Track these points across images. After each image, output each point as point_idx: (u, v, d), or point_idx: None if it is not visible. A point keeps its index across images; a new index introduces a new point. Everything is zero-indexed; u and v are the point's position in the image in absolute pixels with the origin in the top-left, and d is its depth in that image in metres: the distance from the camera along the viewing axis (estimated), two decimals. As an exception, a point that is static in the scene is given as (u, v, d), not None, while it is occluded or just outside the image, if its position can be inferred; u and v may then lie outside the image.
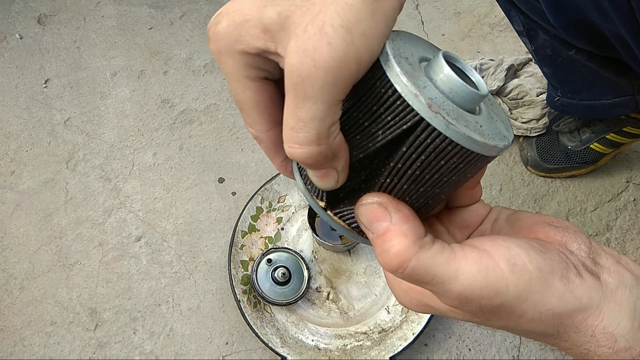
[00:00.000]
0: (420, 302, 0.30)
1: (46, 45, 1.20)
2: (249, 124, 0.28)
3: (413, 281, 0.26)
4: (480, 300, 0.26)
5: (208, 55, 1.17)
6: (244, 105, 0.27)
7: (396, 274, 0.26)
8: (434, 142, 0.24)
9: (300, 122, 0.24)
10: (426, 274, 0.26)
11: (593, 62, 0.73)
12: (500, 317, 0.27)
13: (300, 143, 0.24)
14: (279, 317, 0.89)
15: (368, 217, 0.27)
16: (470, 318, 0.28)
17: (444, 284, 0.26)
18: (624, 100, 0.78)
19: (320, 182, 0.27)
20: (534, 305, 0.26)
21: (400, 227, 0.26)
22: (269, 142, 0.29)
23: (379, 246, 0.26)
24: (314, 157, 0.25)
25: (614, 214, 0.98)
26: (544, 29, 0.71)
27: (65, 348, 0.91)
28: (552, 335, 0.28)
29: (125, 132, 1.09)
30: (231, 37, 0.25)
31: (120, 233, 0.99)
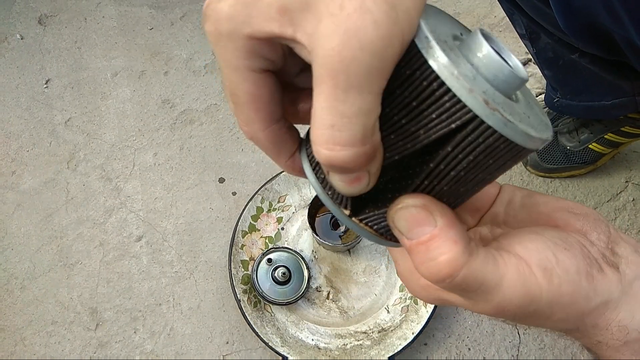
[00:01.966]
0: (439, 297, 0.29)
1: (47, 46, 1.20)
2: (243, 121, 0.25)
3: (456, 289, 0.24)
4: (516, 310, 0.25)
5: (209, 56, 1.18)
6: (240, 99, 0.24)
7: (441, 284, 0.24)
8: (486, 141, 0.21)
9: (343, 117, 0.20)
10: (475, 282, 0.24)
11: (595, 65, 0.73)
12: (527, 320, 0.27)
13: (343, 144, 0.20)
14: (279, 316, 0.89)
15: (408, 222, 0.24)
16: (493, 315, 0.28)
17: (487, 293, 0.24)
18: (624, 101, 0.78)
19: (347, 188, 0.23)
20: (562, 308, 0.26)
21: (447, 233, 0.24)
22: (267, 141, 0.25)
23: (422, 253, 0.24)
24: (356, 160, 0.21)
25: (613, 213, 0.98)
26: (547, 32, 0.71)
27: (66, 348, 0.91)
28: (573, 331, 0.28)
29: (126, 132, 1.10)
30: (237, 18, 0.21)
31: (121, 233, 1.00)
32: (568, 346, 0.89)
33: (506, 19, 1.20)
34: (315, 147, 0.21)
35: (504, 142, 0.21)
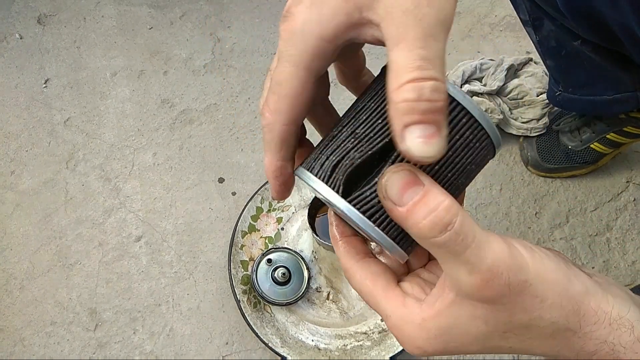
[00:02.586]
0: (438, 328, 0.28)
1: (46, 45, 1.20)
2: (272, 109, 0.27)
3: (453, 243, 0.25)
4: (509, 273, 0.25)
5: (208, 55, 1.17)
6: (283, 90, 0.27)
7: (441, 234, 0.25)
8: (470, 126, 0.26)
9: (426, 59, 0.23)
10: (470, 232, 0.25)
11: (597, 54, 0.72)
12: (525, 304, 0.26)
13: (428, 77, 0.23)
14: (279, 317, 0.89)
15: (399, 187, 0.25)
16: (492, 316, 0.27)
17: (480, 248, 0.25)
18: (625, 96, 0.77)
19: (426, 145, 0.24)
20: (552, 287, 0.26)
21: (435, 188, 0.25)
22: (279, 135, 0.28)
23: (421, 210, 0.25)
24: (442, 93, 0.23)
25: (614, 214, 0.98)
26: (550, 17, 0.71)
27: (65, 348, 0.91)
28: (575, 332, 0.27)
29: (125, 132, 1.09)
30: (311, 18, 0.25)
31: (120, 233, 0.99)
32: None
33: (506, 19, 1.20)
34: (403, 86, 0.23)
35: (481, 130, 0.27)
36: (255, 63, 1.16)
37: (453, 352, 0.28)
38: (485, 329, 0.27)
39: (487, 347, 0.28)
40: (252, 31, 1.20)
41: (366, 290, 0.30)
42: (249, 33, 1.20)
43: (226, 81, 1.14)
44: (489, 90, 0.98)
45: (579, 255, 0.95)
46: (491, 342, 0.28)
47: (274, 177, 0.29)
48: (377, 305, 0.30)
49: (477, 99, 0.99)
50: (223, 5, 1.24)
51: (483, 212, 0.99)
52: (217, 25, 1.21)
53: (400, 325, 0.29)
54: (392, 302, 0.29)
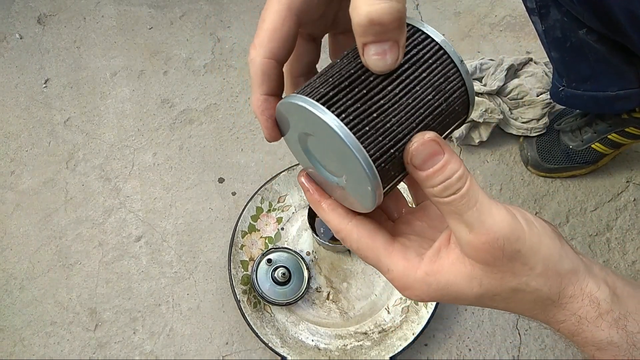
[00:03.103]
0: (438, 283, 0.30)
1: (46, 45, 1.20)
2: (255, 44, 0.29)
3: (461, 203, 0.28)
4: (505, 241, 0.28)
5: (208, 55, 1.17)
6: (266, 24, 0.29)
7: (450, 196, 0.28)
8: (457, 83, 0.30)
9: None
10: (475, 194, 0.28)
11: (602, 45, 0.72)
12: (515, 269, 0.29)
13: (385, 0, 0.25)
14: (279, 317, 0.89)
15: (425, 156, 0.28)
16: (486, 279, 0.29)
17: (481, 213, 0.28)
18: (629, 92, 0.77)
19: (381, 60, 0.27)
20: (542, 259, 0.29)
21: (454, 157, 0.28)
22: (260, 67, 0.30)
23: (439, 176, 0.28)
24: (392, 15, 0.25)
25: (614, 214, 0.98)
26: (557, 3, 0.71)
27: (65, 348, 0.91)
28: (553, 302, 0.30)
29: (125, 132, 1.09)
30: None
31: (120, 233, 0.99)
32: (569, 346, 0.88)
33: (506, 19, 1.20)
34: (359, 7, 0.25)
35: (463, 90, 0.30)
36: (255, 63, 1.16)
37: (449, 302, 0.32)
38: (478, 291, 0.30)
39: (477, 303, 0.31)
40: (252, 31, 1.19)
41: (364, 246, 0.32)
42: (249, 33, 1.19)
43: (226, 81, 1.14)
44: (489, 90, 0.98)
45: (579, 255, 0.95)
46: (481, 301, 0.31)
47: (260, 112, 0.31)
48: (378, 260, 0.32)
49: (477, 99, 0.99)
50: (223, 5, 1.24)
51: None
52: (217, 25, 1.21)
53: (401, 277, 0.31)
54: (394, 257, 0.31)
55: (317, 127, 0.28)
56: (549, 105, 0.98)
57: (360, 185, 0.29)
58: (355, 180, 0.29)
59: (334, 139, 0.27)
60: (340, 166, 0.30)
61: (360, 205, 0.31)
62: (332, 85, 0.28)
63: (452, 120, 0.31)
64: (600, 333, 0.31)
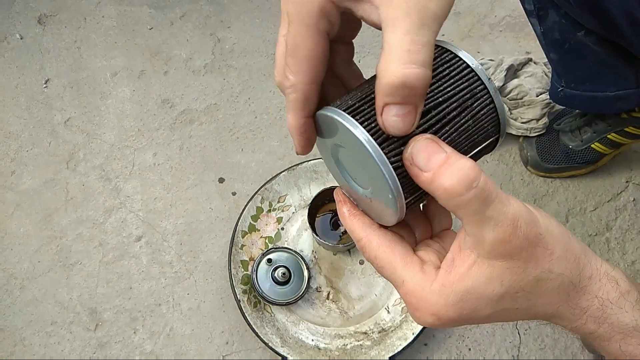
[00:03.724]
0: (456, 293, 0.29)
1: (46, 46, 1.20)
2: (292, 71, 0.29)
3: (479, 199, 0.27)
4: (527, 226, 0.28)
5: (208, 55, 1.17)
6: (300, 52, 0.28)
7: (467, 192, 0.26)
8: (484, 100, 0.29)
9: (417, 44, 0.25)
10: (493, 188, 0.27)
11: (601, 47, 0.72)
12: (538, 256, 0.28)
13: (417, 63, 0.25)
14: (279, 316, 0.89)
15: (425, 153, 0.27)
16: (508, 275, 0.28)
17: (503, 204, 0.27)
18: (628, 93, 0.77)
19: (399, 123, 0.27)
20: (559, 241, 0.29)
21: (457, 154, 0.27)
22: (303, 93, 0.29)
23: (447, 171, 0.27)
24: (423, 81, 0.26)
25: (614, 214, 0.98)
26: (555, 6, 0.71)
27: (65, 348, 0.91)
28: (575, 286, 0.30)
29: (125, 132, 1.09)
30: None
31: (121, 233, 1.00)
32: (568, 346, 0.88)
33: (506, 19, 1.20)
34: (392, 68, 0.25)
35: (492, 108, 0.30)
36: (255, 63, 1.16)
37: (465, 320, 0.30)
38: (499, 291, 0.29)
39: (498, 309, 0.29)
40: (252, 31, 1.20)
41: (383, 256, 0.31)
42: (249, 33, 1.20)
43: (226, 81, 1.14)
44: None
45: (579, 255, 0.95)
46: (502, 304, 0.29)
47: (299, 134, 0.31)
48: (394, 271, 0.31)
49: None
50: (223, 5, 1.24)
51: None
52: (217, 25, 1.21)
53: (417, 291, 0.30)
54: (410, 269, 0.30)
55: (344, 137, 0.29)
56: (548, 106, 0.98)
57: (384, 194, 0.29)
58: (379, 190, 0.29)
59: (359, 148, 0.28)
60: (366, 176, 0.30)
61: (384, 215, 0.31)
62: (359, 98, 0.29)
63: (482, 139, 0.31)
64: (624, 316, 0.30)
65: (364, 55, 1.15)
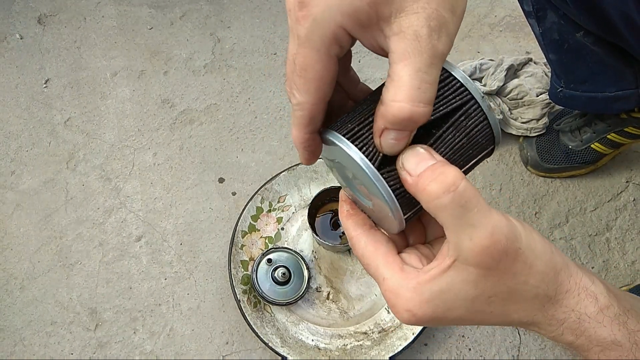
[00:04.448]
0: (431, 291, 0.30)
1: (46, 45, 1.20)
2: (300, 90, 0.29)
3: (458, 203, 0.27)
4: (507, 241, 0.28)
5: (208, 55, 1.17)
6: (309, 74, 0.29)
7: (445, 195, 0.27)
8: (475, 118, 0.30)
9: (427, 84, 0.27)
10: (474, 196, 0.28)
11: (599, 47, 0.72)
12: (516, 270, 0.29)
13: (425, 102, 0.27)
14: (279, 317, 0.89)
15: (415, 159, 0.29)
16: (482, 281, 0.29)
17: (483, 214, 0.28)
18: (627, 93, 0.77)
19: (395, 144, 0.29)
20: (540, 256, 0.30)
21: (445, 162, 0.29)
22: (309, 112, 0.30)
23: (430, 175, 0.28)
24: (425, 116, 0.27)
25: (614, 214, 0.98)
26: (553, 7, 0.71)
27: (65, 348, 0.91)
28: (550, 298, 0.30)
29: (125, 132, 1.09)
30: (333, 8, 0.27)
31: (121, 233, 1.00)
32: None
33: (506, 19, 1.20)
34: (401, 103, 0.27)
35: (487, 124, 0.31)
36: (255, 63, 1.16)
37: (439, 318, 0.30)
38: (473, 293, 0.29)
39: (471, 311, 0.30)
40: (252, 31, 1.20)
41: (368, 254, 0.33)
42: (249, 33, 1.20)
43: (226, 81, 1.14)
44: (488, 90, 0.99)
45: (579, 255, 0.95)
46: (475, 306, 0.30)
47: (303, 148, 0.32)
48: (377, 269, 0.32)
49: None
50: (223, 5, 1.24)
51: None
52: (217, 25, 1.21)
53: (395, 288, 0.31)
54: (391, 267, 0.32)
55: (346, 159, 0.30)
56: (548, 106, 0.98)
57: (384, 210, 0.31)
58: (380, 206, 0.31)
59: (359, 170, 0.30)
60: (368, 193, 0.32)
61: (387, 224, 0.33)
62: (358, 122, 0.30)
63: (477, 153, 0.32)
64: (603, 330, 0.30)
65: (363, 55, 1.15)
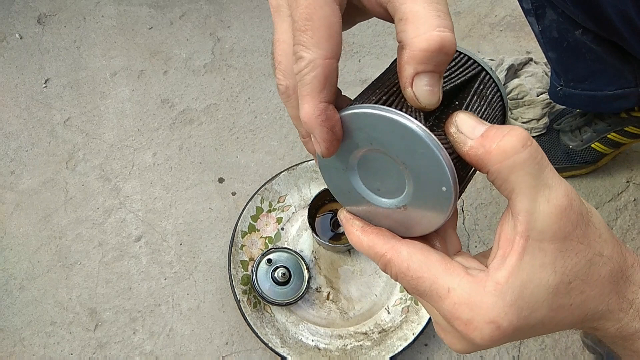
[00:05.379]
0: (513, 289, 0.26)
1: (46, 45, 1.20)
2: (310, 44, 0.25)
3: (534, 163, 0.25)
4: (579, 201, 0.26)
5: (208, 55, 1.17)
6: (316, 23, 0.25)
7: (524, 149, 0.25)
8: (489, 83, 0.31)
9: (442, 12, 0.25)
10: (545, 158, 0.25)
11: (598, 45, 0.72)
12: (589, 238, 0.26)
13: (448, 27, 0.24)
14: (279, 317, 0.89)
15: (471, 122, 0.26)
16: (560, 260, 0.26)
17: (554, 172, 0.26)
18: (627, 92, 0.77)
19: (430, 92, 0.25)
20: (602, 222, 0.27)
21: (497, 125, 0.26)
22: (323, 69, 0.25)
23: (497, 134, 0.25)
24: (455, 45, 0.25)
25: (614, 214, 0.98)
26: (552, 4, 0.71)
27: (65, 348, 0.91)
28: (622, 272, 0.28)
29: (125, 132, 1.09)
30: None
31: (120, 233, 0.99)
32: (569, 347, 0.88)
33: (506, 19, 1.20)
34: (427, 33, 0.24)
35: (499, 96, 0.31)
36: (255, 63, 1.16)
37: (521, 327, 0.26)
38: (553, 280, 0.26)
39: (553, 307, 0.26)
40: (252, 31, 1.20)
41: (416, 266, 0.27)
42: (249, 33, 1.19)
43: (226, 81, 1.14)
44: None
45: (579, 255, 0.95)
46: (557, 300, 0.26)
47: (320, 123, 0.26)
48: (434, 281, 0.27)
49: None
50: (223, 5, 1.24)
51: (483, 212, 0.99)
52: (217, 25, 1.21)
53: (468, 297, 0.26)
54: (456, 274, 0.27)
55: (381, 132, 0.26)
56: (549, 105, 0.98)
57: (434, 187, 0.26)
58: (425, 187, 0.27)
59: (404, 139, 0.26)
60: (404, 178, 0.27)
61: (428, 220, 0.28)
62: (384, 92, 0.27)
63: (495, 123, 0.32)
64: None
65: (364, 55, 1.15)
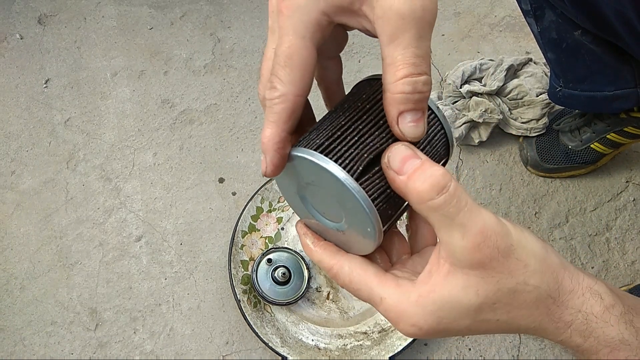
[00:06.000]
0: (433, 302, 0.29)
1: (46, 46, 1.20)
2: (284, 81, 0.29)
3: (449, 205, 0.27)
4: (497, 236, 0.28)
5: (208, 56, 1.17)
6: (294, 61, 0.28)
7: (438, 196, 0.27)
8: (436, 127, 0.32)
9: (419, 57, 0.27)
10: (463, 197, 0.28)
11: (598, 46, 0.72)
12: (511, 267, 0.28)
13: (423, 72, 0.27)
14: (279, 316, 0.89)
15: (401, 157, 0.28)
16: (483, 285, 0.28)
17: (472, 212, 0.28)
18: (626, 92, 0.77)
19: (415, 127, 0.29)
20: (533, 255, 0.29)
21: (430, 162, 0.28)
22: (292, 104, 0.29)
23: (420, 175, 0.28)
24: (429, 85, 0.28)
25: (614, 214, 0.98)
26: (551, 5, 0.71)
27: (65, 348, 0.91)
28: (555, 300, 0.29)
29: (125, 132, 1.09)
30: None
31: (121, 233, 1.00)
32: (569, 346, 0.88)
33: (506, 19, 1.20)
34: (403, 80, 0.27)
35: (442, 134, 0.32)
36: (255, 63, 1.16)
37: (446, 330, 0.30)
38: (476, 300, 0.29)
39: (477, 321, 0.29)
40: (252, 31, 1.20)
41: (356, 279, 0.32)
42: (249, 33, 1.20)
43: (226, 81, 1.14)
44: (488, 90, 0.99)
45: (579, 255, 0.95)
46: (481, 315, 0.29)
47: (275, 150, 0.29)
48: (370, 291, 0.31)
49: (477, 99, 0.99)
50: (223, 5, 1.24)
51: (483, 212, 0.99)
52: (217, 25, 1.21)
53: (395, 305, 0.30)
54: (386, 285, 0.31)
55: (318, 176, 0.29)
56: (548, 106, 0.98)
57: (362, 226, 0.30)
58: (356, 223, 0.30)
59: (336, 186, 0.28)
60: (341, 211, 0.31)
61: (361, 246, 0.32)
62: (326, 137, 0.29)
63: (436, 160, 0.33)
64: (610, 329, 0.30)
65: (364, 55, 1.15)
